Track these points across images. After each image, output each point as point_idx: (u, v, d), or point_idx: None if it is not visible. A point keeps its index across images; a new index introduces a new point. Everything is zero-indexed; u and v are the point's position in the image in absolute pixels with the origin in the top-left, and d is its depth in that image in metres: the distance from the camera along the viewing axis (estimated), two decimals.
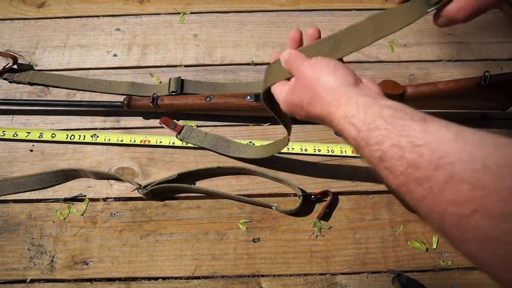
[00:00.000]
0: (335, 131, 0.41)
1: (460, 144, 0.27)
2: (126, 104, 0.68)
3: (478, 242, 0.24)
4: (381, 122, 0.31)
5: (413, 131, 0.29)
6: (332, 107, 0.36)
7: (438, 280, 0.60)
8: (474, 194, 0.24)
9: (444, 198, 0.26)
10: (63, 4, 0.85)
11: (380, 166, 0.31)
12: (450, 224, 0.26)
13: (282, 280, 0.60)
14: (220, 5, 0.84)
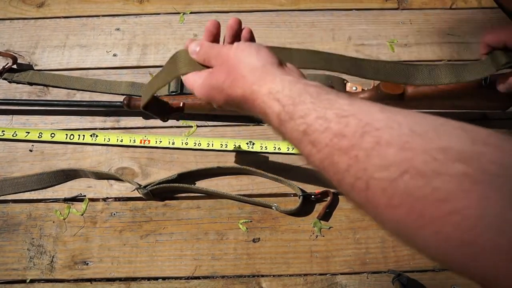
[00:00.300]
0: (254, 118, 0.39)
1: (387, 114, 0.27)
2: (126, 104, 0.68)
3: (407, 204, 0.23)
4: (306, 96, 0.31)
5: (339, 104, 0.29)
6: (255, 85, 0.35)
7: (438, 280, 0.60)
8: (402, 156, 0.24)
9: (370, 163, 0.25)
10: (62, 4, 0.85)
11: (304, 141, 0.30)
12: (376, 190, 0.25)
13: (282, 280, 0.60)
14: (220, 5, 0.84)
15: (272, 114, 0.33)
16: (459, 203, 0.21)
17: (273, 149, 0.68)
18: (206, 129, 0.71)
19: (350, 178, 0.27)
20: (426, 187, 0.22)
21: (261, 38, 0.80)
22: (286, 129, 0.32)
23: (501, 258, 0.20)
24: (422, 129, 0.25)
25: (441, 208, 0.22)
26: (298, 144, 0.31)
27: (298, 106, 0.31)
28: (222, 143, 0.68)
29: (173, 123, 0.72)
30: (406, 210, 0.23)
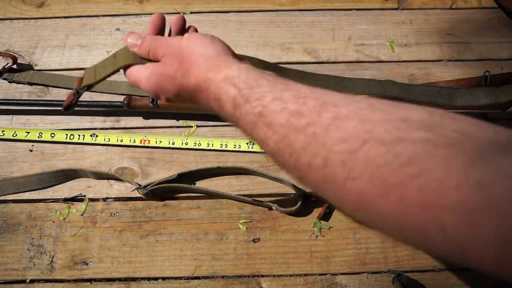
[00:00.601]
0: (206, 111, 0.37)
1: (344, 95, 0.27)
2: (126, 104, 0.68)
3: (367, 173, 0.23)
4: (263, 81, 0.31)
5: (297, 87, 0.29)
6: (210, 72, 0.34)
7: (438, 280, 0.60)
8: (362, 128, 0.24)
9: (329, 138, 0.25)
10: (62, 4, 0.85)
11: (259, 123, 0.29)
12: (335, 164, 0.24)
13: (282, 280, 0.60)
14: (220, 5, 0.84)
15: (226, 99, 0.32)
16: (422, 165, 0.21)
17: None
18: (206, 129, 0.71)
19: (306, 156, 0.26)
20: (388, 154, 0.22)
21: (261, 38, 0.80)
22: (240, 113, 0.31)
23: (465, 213, 0.19)
24: (381, 105, 0.25)
25: (404, 172, 0.21)
26: (253, 128, 0.30)
27: (255, 89, 0.30)
28: (222, 143, 0.68)
29: (173, 123, 0.72)
30: (367, 179, 0.23)
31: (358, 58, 0.78)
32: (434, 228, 0.21)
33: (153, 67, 0.39)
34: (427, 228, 0.21)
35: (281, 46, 0.79)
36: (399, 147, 0.22)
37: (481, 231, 0.19)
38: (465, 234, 0.20)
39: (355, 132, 0.24)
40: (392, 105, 0.25)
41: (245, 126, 0.31)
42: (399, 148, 0.22)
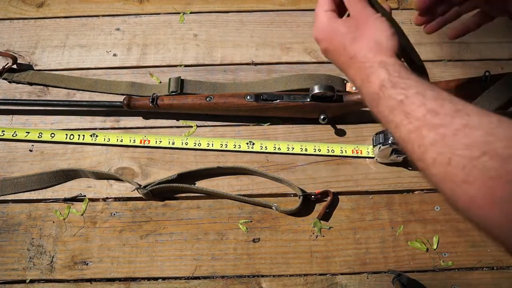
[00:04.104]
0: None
1: (478, 108, 0.29)
2: (126, 104, 0.68)
3: (480, 181, 0.26)
4: (412, 76, 0.35)
5: (439, 90, 0.32)
6: (371, 53, 0.39)
7: (438, 280, 0.60)
8: (486, 139, 0.27)
9: (456, 141, 0.28)
10: (62, 4, 0.85)
11: (398, 109, 0.33)
12: (457, 166, 0.27)
13: (282, 280, 0.60)
14: (220, 5, 0.84)
15: (375, 79, 0.37)
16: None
17: (273, 149, 0.68)
18: (206, 129, 0.71)
19: (433, 152, 0.29)
20: (501, 168, 0.25)
21: (261, 38, 0.80)
22: (383, 95, 0.35)
23: None
24: (508, 123, 0.28)
25: (510, 189, 0.24)
26: (390, 112, 0.34)
27: (402, 79, 0.35)
28: (222, 143, 0.68)
29: (173, 123, 0.72)
30: (478, 186, 0.26)
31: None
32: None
33: (335, 17, 0.44)
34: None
35: (281, 46, 0.79)
36: (509, 165, 0.25)
37: None
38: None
39: (478, 142, 0.27)
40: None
41: (384, 107, 0.35)
42: (509, 166, 0.25)
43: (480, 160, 0.26)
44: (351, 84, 0.72)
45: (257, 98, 0.66)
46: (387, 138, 0.61)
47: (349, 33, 0.42)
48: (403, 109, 0.33)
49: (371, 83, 0.37)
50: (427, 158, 0.30)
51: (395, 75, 0.36)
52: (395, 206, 0.65)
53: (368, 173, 0.66)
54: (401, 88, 0.34)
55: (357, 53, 0.40)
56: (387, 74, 0.36)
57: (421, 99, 0.32)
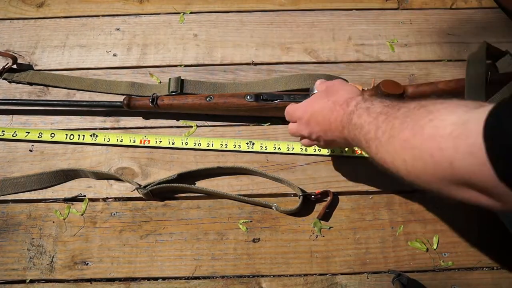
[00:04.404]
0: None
1: (405, 112, 0.39)
2: (126, 104, 0.68)
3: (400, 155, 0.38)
4: (378, 97, 0.47)
5: (396, 100, 0.43)
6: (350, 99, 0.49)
7: (438, 280, 0.60)
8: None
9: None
10: (62, 4, 0.85)
11: (364, 113, 0.44)
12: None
13: (282, 280, 0.60)
14: (220, 5, 0.84)
15: (351, 105, 0.47)
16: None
17: (273, 149, 0.68)
18: (206, 129, 0.71)
19: (384, 126, 0.40)
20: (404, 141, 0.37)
21: (261, 38, 0.80)
22: (356, 108, 0.45)
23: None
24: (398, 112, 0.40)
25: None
26: (359, 117, 0.44)
27: (371, 98, 0.46)
28: (222, 143, 0.68)
29: (173, 123, 0.72)
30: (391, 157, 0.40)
31: (358, 58, 0.78)
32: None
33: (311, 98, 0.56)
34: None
35: (281, 46, 0.79)
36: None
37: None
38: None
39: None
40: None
41: (355, 118, 0.45)
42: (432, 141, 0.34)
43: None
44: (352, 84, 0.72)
45: (257, 98, 0.66)
46: None
47: (335, 94, 0.53)
48: (367, 111, 0.43)
49: (349, 106, 0.47)
50: (379, 133, 0.40)
51: (367, 97, 0.46)
52: (395, 206, 0.65)
53: (368, 173, 0.66)
54: (370, 102, 0.45)
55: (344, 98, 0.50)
56: (362, 97, 0.47)
57: (381, 103, 0.43)
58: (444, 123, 0.32)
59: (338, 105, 0.48)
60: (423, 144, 0.33)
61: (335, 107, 0.49)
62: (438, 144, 0.32)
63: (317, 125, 0.52)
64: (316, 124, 0.52)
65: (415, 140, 0.34)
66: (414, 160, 0.35)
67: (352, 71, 0.76)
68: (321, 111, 0.51)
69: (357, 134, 0.44)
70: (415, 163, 0.35)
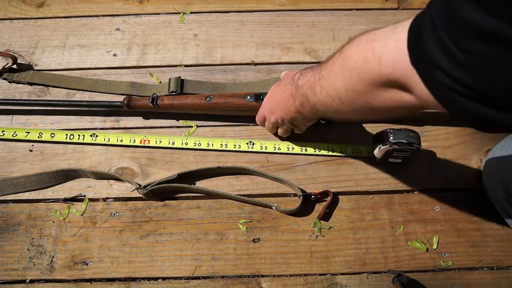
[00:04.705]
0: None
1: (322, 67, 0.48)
2: (126, 104, 0.68)
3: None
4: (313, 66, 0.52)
5: (312, 72, 0.50)
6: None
7: (438, 280, 0.60)
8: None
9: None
10: (62, 4, 0.85)
11: (304, 78, 0.50)
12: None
13: (282, 280, 0.60)
14: (220, 5, 0.84)
15: (294, 80, 0.53)
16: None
17: (273, 149, 0.68)
18: (206, 129, 0.71)
19: (318, 74, 0.47)
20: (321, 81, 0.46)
21: (261, 38, 0.80)
22: (298, 79, 0.52)
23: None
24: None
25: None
26: (302, 86, 0.50)
27: (307, 68, 0.52)
28: (222, 143, 0.68)
29: (173, 123, 0.72)
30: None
31: None
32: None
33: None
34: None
35: (281, 46, 0.79)
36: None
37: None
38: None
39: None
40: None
41: (299, 87, 0.51)
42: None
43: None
44: None
45: (257, 98, 0.66)
46: (387, 138, 0.61)
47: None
48: (305, 76, 0.50)
49: (294, 81, 0.53)
50: (316, 86, 0.47)
51: (303, 70, 0.52)
52: (395, 206, 0.65)
53: (368, 173, 0.66)
54: (306, 71, 0.51)
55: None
56: (299, 72, 0.53)
57: (315, 66, 0.49)
58: (378, 32, 0.38)
59: (287, 84, 0.55)
60: (359, 54, 0.39)
61: (286, 86, 0.55)
62: (371, 47, 0.37)
63: (278, 109, 0.58)
64: (277, 108, 0.58)
65: (352, 55, 0.40)
66: (351, 72, 0.40)
67: None
68: (277, 95, 0.58)
69: (304, 93, 0.50)
70: (352, 75, 0.40)
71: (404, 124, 0.69)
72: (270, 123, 0.63)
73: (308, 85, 0.49)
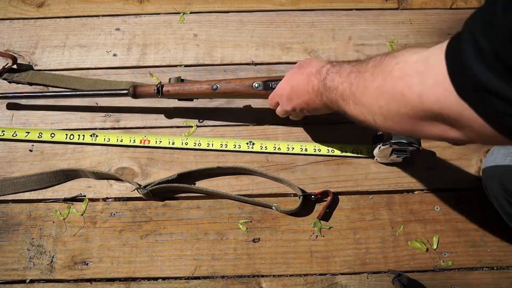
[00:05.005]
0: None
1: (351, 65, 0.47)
2: (132, 93, 0.66)
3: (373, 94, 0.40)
4: (346, 61, 0.50)
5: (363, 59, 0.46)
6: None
7: (438, 280, 0.60)
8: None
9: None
10: (62, 4, 0.85)
11: (335, 76, 0.48)
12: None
13: (282, 280, 0.60)
14: (220, 5, 0.84)
15: (322, 73, 0.51)
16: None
17: (273, 149, 0.68)
18: (206, 129, 0.71)
19: (356, 81, 0.43)
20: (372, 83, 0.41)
21: (261, 38, 0.80)
22: (328, 74, 0.50)
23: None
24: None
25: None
26: (332, 81, 0.48)
27: (339, 63, 0.51)
28: (222, 143, 0.68)
29: (173, 123, 0.72)
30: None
31: (358, 58, 0.77)
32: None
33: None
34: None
35: (281, 46, 0.79)
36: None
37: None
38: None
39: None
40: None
41: (329, 83, 0.49)
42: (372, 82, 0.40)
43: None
44: None
45: (266, 86, 0.63)
46: (387, 138, 0.61)
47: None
48: (339, 74, 0.47)
49: (321, 74, 0.50)
50: (353, 88, 0.43)
51: (335, 63, 0.50)
52: (395, 206, 0.65)
53: (368, 173, 0.66)
54: (338, 66, 0.48)
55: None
56: (330, 65, 0.51)
57: (349, 64, 0.47)
58: (409, 63, 0.35)
59: (312, 75, 0.52)
60: (394, 86, 0.36)
61: (310, 78, 0.53)
62: (407, 82, 0.34)
63: (298, 98, 0.56)
64: (297, 97, 0.56)
65: (386, 85, 0.37)
66: (388, 103, 0.37)
67: None
68: (299, 84, 0.55)
69: (334, 96, 0.47)
70: (390, 106, 0.37)
71: None
72: (284, 111, 0.61)
73: (337, 93, 0.46)
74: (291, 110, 0.59)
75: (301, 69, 0.56)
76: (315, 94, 0.52)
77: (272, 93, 0.62)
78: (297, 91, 0.56)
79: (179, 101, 0.72)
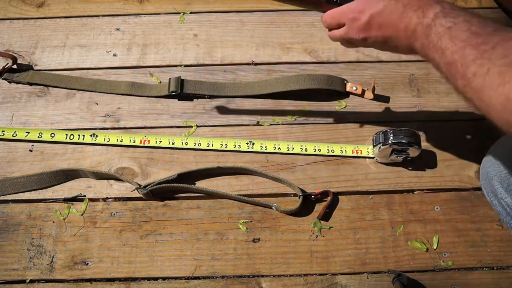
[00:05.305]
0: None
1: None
2: None
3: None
4: (462, 10, 0.41)
5: (484, 19, 0.39)
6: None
7: (438, 280, 0.60)
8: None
9: (494, 53, 0.35)
10: (62, 4, 0.85)
11: (446, 35, 0.39)
12: (493, 73, 0.34)
13: (282, 280, 0.60)
14: (220, 5, 0.84)
15: (431, 12, 0.41)
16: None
17: (273, 149, 0.68)
18: (206, 129, 0.71)
19: (474, 67, 0.36)
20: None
21: (261, 38, 0.80)
22: (434, 24, 0.40)
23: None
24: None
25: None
26: (439, 38, 0.40)
27: (454, 11, 0.40)
28: (222, 143, 0.68)
29: (173, 123, 0.72)
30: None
31: (358, 58, 0.78)
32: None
33: None
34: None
35: (281, 46, 0.79)
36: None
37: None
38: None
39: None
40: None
41: (433, 35, 0.40)
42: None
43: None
44: (351, 84, 0.73)
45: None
46: (387, 138, 0.61)
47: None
48: (450, 34, 0.38)
49: (426, 16, 0.41)
50: (469, 73, 0.36)
51: (447, 8, 0.41)
52: (395, 206, 0.65)
53: (368, 173, 0.66)
54: (451, 17, 0.39)
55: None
56: (441, 7, 0.41)
57: (467, 24, 0.38)
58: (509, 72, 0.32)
59: (411, 10, 0.42)
60: (498, 84, 0.33)
61: (407, 11, 0.42)
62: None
63: (379, 30, 0.45)
64: (378, 28, 0.45)
65: (492, 82, 0.34)
66: (502, 103, 0.33)
67: (352, 71, 0.76)
68: (387, 13, 0.44)
69: (436, 57, 0.40)
70: (504, 106, 0.33)
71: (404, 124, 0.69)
72: (347, 37, 0.48)
73: (443, 57, 0.39)
74: (361, 40, 0.47)
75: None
76: (406, 34, 0.42)
77: (339, 11, 0.48)
78: (380, 21, 0.44)
79: (179, 101, 0.73)
